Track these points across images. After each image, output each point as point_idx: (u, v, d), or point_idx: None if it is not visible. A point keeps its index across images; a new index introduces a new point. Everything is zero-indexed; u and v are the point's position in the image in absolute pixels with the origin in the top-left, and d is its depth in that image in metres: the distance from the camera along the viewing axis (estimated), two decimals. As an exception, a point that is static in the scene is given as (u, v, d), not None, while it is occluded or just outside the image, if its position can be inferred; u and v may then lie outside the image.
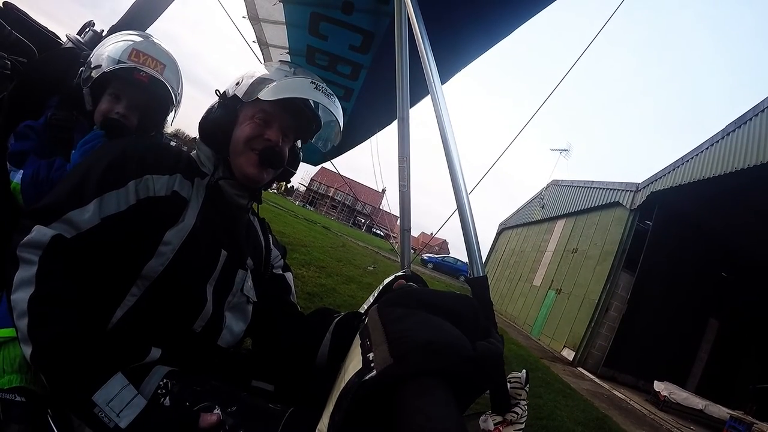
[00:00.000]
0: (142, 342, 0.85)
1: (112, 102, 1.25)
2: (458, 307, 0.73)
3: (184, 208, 0.94)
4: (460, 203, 0.99)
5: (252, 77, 1.06)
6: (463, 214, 0.97)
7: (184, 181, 0.97)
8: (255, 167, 1.01)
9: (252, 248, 1.11)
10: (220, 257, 0.97)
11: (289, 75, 1.07)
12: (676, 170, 8.25)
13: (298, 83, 1.03)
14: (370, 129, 3.80)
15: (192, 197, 0.97)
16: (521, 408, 0.80)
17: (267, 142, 1.01)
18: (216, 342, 0.97)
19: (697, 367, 9.79)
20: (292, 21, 2.23)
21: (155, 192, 0.91)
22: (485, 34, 2.12)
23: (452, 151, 1.06)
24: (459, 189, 1.01)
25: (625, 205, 9.75)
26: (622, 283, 9.23)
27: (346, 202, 59.66)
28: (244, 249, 1.06)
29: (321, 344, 1.06)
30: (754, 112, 6.49)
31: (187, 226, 0.92)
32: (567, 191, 13.82)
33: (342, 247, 12.98)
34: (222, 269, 0.97)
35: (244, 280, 1.03)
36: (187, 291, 0.91)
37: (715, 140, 7.26)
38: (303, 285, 5.24)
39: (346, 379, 0.64)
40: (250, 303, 1.06)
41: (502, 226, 21.19)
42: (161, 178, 0.92)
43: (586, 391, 6.81)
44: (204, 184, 1.01)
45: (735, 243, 9.31)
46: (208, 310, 0.94)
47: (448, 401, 0.57)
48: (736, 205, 7.73)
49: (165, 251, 0.87)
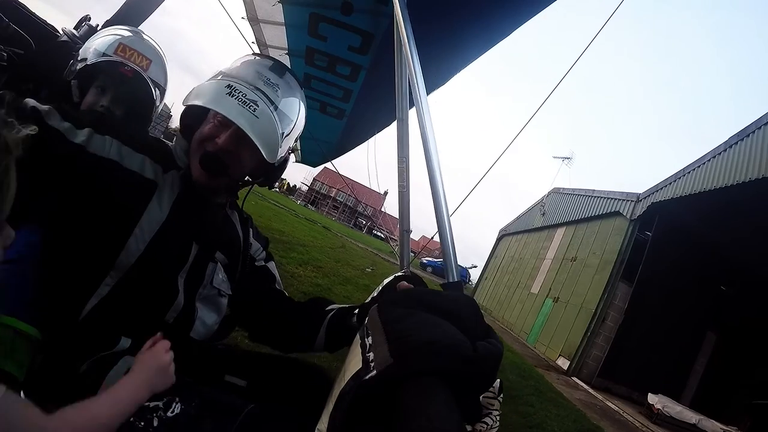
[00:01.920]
0: (113, 331, 0.85)
1: (97, 95, 1.27)
2: (458, 307, 0.73)
3: (151, 194, 0.93)
4: (438, 208, 0.99)
5: (217, 72, 1.03)
6: (440, 217, 0.97)
7: (152, 164, 0.96)
8: (198, 170, 0.98)
9: (227, 243, 1.10)
10: (192, 250, 0.98)
11: (223, 76, 1.00)
12: (677, 181, 8.21)
13: (212, 87, 0.96)
14: (370, 130, 3.81)
15: (165, 185, 0.96)
16: (492, 419, 0.79)
17: (215, 146, 0.96)
18: (189, 334, 0.98)
19: (692, 381, 9.71)
20: (291, 22, 2.24)
21: (108, 154, 0.89)
22: (486, 34, 2.13)
23: (433, 158, 1.05)
24: (437, 193, 1.00)
25: (626, 215, 9.72)
26: (619, 294, 9.18)
27: (347, 203, 59.68)
28: (215, 243, 1.05)
29: (317, 337, 1.09)
30: (757, 125, 6.45)
31: (160, 218, 0.92)
32: (568, 199, 13.79)
33: (341, 247, 12.97)
34: (193, 262, 0.98)
35: (214, 273, 1.03)
36: (158, 282, 0.91)
37: (718, 152, 7.22)
38: (299, 284, 5.24)
39: (345, 379, 0.65)
40: (223, 296, 1.07)
41: (503, 232, 21.13)
42: (123, 146, 0.92)
43: (579, 401, 6.77)
44: (179, 176, 1.00)
45: (735, 257, 9.26)
46: (180, 301, 0.95)
47: (448, 401, 0.57)
48: (737, 219, 7.68)
49: (136, 243, 0.88)
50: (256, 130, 0.94)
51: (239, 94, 0.94)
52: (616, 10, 2.20)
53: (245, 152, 0.99)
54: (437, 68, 2.41)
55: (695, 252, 9.45)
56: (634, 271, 9.13)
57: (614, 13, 2.22)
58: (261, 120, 0.95)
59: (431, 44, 1.91)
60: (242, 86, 0.96)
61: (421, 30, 1.41)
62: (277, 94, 1.01)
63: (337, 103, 3.20)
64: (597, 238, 10.90)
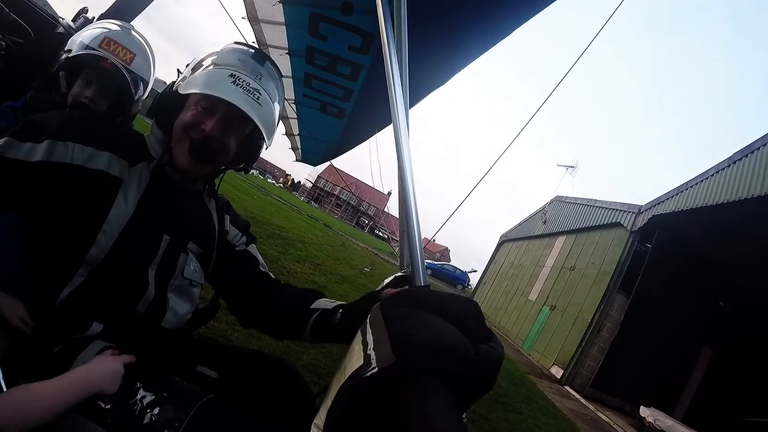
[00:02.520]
0: (85, 317, 0.89)
1: (83, 87, 1.30)
2: (461, 309, 0.74)
3: (116, 190, 0.93)
4: (407, 206, 0.99)
5: (198, 60, 1.04)
6: (409, 219, 0.98)
7: (118, 160, 0.96)
8: (187, 158, 0.98)
9: (201, 232, 1.10)
10: (162, 241, 0.99)
11: (215, 65, 1.00)
12: (679, 195, 8.18)
13: (213, 76, 0.97)
14: (370, 130, 3.82)
15: (131, 180, 0.96)
16: None
17: (202, 133, 0.97)
18: (160, 323, 1.00)
19: (686, 396, 9.65)
20: (291, 21, 2.25)
21: (72, 159, 0.90)
22: (485, 34, 2.13)
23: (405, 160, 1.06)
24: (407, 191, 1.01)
25: (626, 226, 9.68)
26: (616, 305, 9.15)
27: (351, 201, 59.74)
28: (187, 233, 1.05)
29: (303, 333, 1.11)
30: (762, 141, 6.42)
31: (126, 213, 0.93)
32: (569, 208, 13.75)
33: (341, 246, 12.99)
34: (164, 254, 0.99)
35: (185, 264, 1.04)
36: (129, 275, 0.93)
37: (721, 167, 7.18)
38: (295, 281, 5.25)
39: (345, 375, 0.65)
40: (195, 286, 1.09)
41: (503, 238, 21.10)
42: (84, 149, 0.92)
43: (570, 411, 6.75)
44: (150, 168, 1.00)
45: (734, 273, 9.20)
46: (151, 292, 0.96)
47: (448, 402, 0.57)
48: (739, 235, 7.63)
49: (105, 239, 0.90)
50: (260, 117, 0.97)
51: (243, 83, 0.96)
52: (615, 10, 2.22)
53: (231, 138, 1.01)
54: (436, 68, 2.42)
55: (694, 266, 9.40)
56: (632, 283, 9.10)
57: (614, 14, 2.23)
58: (264, 108, 0.99)
59: (429, 43, 1.92)
60: (244, 75, 0.98)
61: (419, 29, 1.42)
62: (259, 82, 1.02)
63: (338, 103, 3.21)
64: (597, 248, 10.87)
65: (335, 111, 3.38)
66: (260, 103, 0.98)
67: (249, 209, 8.98)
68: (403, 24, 1.28)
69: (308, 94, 3.16)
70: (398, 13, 1.27)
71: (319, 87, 2.98)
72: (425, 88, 2.67)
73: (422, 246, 0.97)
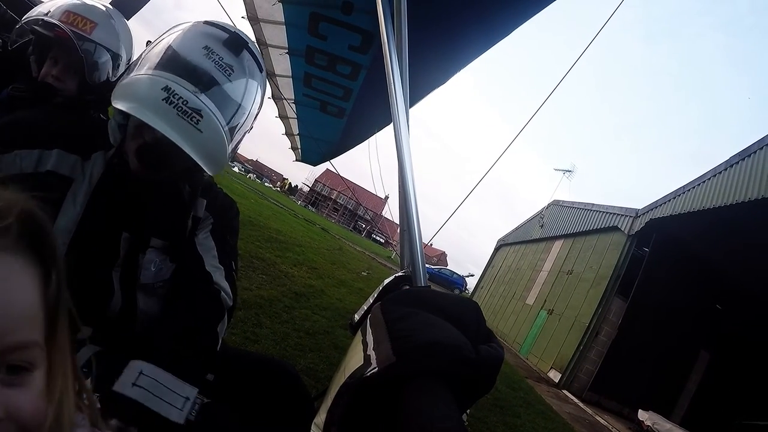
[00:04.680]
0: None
1: (50, 66, 1.25)
2: (461, 310, 0.73)
3: (66, 191, 0.84)
4: (407, 206, 0.98)
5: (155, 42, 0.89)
6: (409, 219, 0.96)
7: (68, 156, 0.86)
8: (135, 163, 0.88)
9: (168, 222, 0.97)
10: (122, 240, 0.90)
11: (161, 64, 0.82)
12: (676, 198, 8.21)
13: (142, 88, 0.79)
14: (370, 129, 3.83)
15: (84, 176, 0.87)
16: None
17: (153, 136, 0.83)
18: (135, 327, 0.94)
19: (684, 399, 9.66)
20: (291, 21, 2.25)
21: (22, 168, 0.81)
22: (485, 34, 2.13)
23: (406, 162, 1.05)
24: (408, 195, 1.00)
25: (624, 230, 9.70)
26: (614, 308, 9.15)
27: (348, 206, 59.79)
28: (149, 228, 0.94)
29: None
30: (759, 145, 6.46)
31: (74, 215, 0.84)
32: (567, 212, 13.78)
33: (338, 250, 12.94)
34: (126, 254, 0.91)
35: (151, 262, 0.94)
36: (93, 281, 0.86)
37: (718, 171, 7.22)
38: (291, 284, 5.21)
39: (345, 375, 0.65)
40: (160, 285, 0.98)
41: (501, 242, 21.11)
42: (31, 153, 0.83)
43: (568, 414, 6.72)
44: (106, 158, 0.89)
45: (732, 276, 9.23)
46: (118, 298, 0.90)
47: (449, 402, 0.57)
48: (736, 239, 7.66)
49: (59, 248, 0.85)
50: (198, 146, 0.81)
51: (179, 100, 0.78)
52: (615, 10, 2.23)
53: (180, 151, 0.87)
54: (436, 68, 2.42)
55: (692, 270, 9.43)
56: (630, 287, 9.12)
57: (612, 16, 2.25)
58: (205, 135, 0.81)
59: (429, 43, 1.92)
60: (183, 89, 0.79)
61: (419, 29, 1.41)
62: (229, 78, 0.86)
63: (338, 102, 3.21)
64: (594, 252, 10.88)
65: (335, 110, 3.38)
66: (199, 129, 0.79)
67: (246, 213, 8.94)
68: (403, 23, 1.28)
69: (308, 93, 3.16)
70: (398, 12, 1.27)
71: (319, 86, 2.98)
72: (425, 87, 2.68)
73: (422, 246, 0.96)
